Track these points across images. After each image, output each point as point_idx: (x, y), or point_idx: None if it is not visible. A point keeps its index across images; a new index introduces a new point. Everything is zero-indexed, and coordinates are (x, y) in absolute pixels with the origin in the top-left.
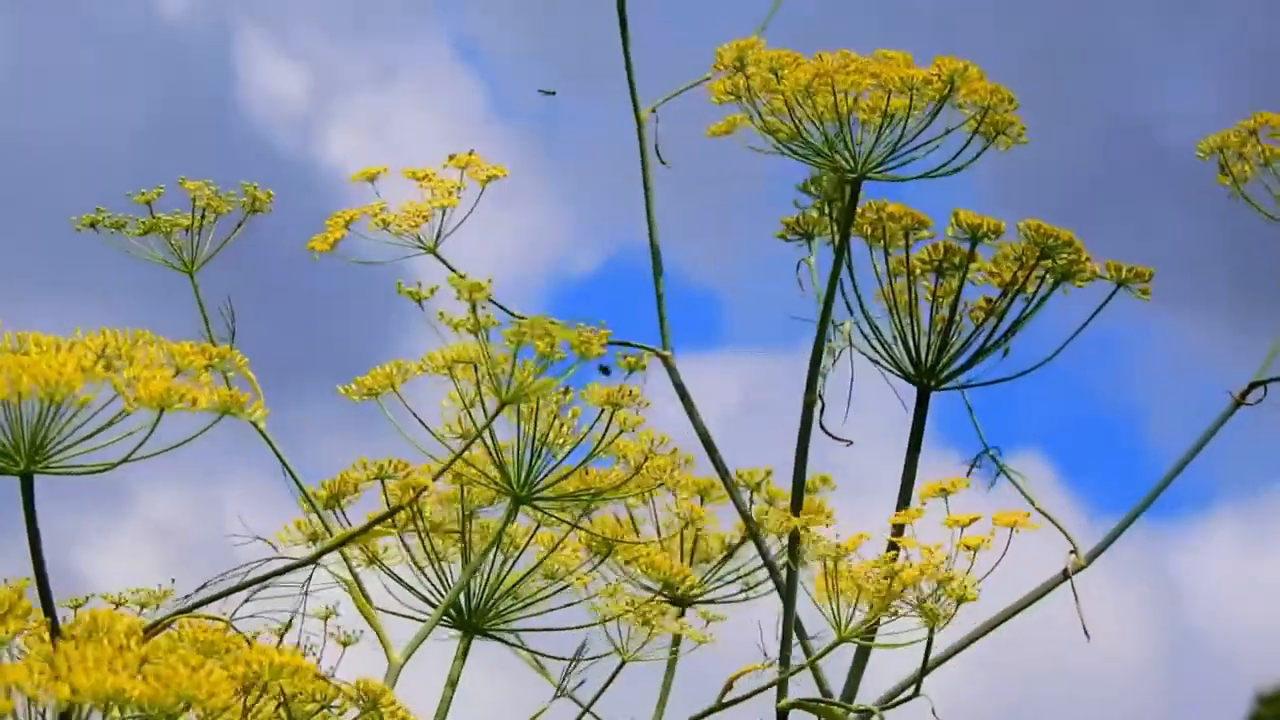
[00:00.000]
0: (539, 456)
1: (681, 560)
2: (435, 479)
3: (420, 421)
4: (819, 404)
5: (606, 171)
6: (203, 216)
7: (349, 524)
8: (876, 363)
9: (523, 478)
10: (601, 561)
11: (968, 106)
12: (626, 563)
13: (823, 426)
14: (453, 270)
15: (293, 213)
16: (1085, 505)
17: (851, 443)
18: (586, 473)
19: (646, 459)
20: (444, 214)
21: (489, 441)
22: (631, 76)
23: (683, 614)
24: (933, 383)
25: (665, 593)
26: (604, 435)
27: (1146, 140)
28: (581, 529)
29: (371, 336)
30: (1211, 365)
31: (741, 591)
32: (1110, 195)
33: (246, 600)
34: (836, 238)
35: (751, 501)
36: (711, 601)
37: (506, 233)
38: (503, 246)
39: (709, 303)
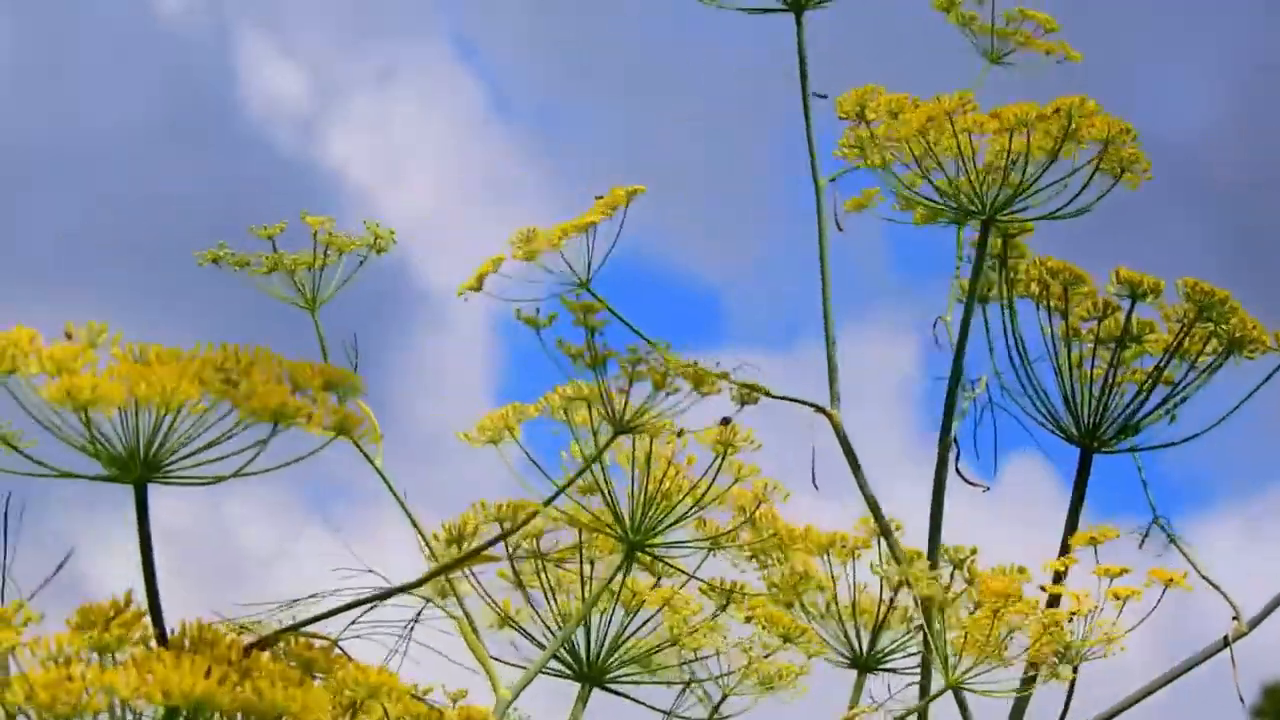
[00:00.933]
0: (653, 505)
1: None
2: (540, 508)
3: (536, 465)
4: (954, 449)
5: (605, 170)
6: (325, 254)
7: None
8: (1035, 419)
9: (637, 524)
10: (721, 612)
11: (1088, 143)
12: (746, 618)
13: (958, 470)
14: (610, 308)
15: (293, 213)
16: (1087, 508)
17: (988, 488)
18: (703, 522)
19: (759, 505)
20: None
21: (604, 486)
22: (813, 147)
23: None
24: (1096, 444)
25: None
26: (713, 481)
27: (1146, 141)
28: (699, 579)
29: (370, 338)
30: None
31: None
32: (1110, 196)
33: (353, 623)
34: (968, 290)
35: (953, 578)
36: (892, 670)
37: (506, 232)
38: (503, 246)
39: (709, 302)
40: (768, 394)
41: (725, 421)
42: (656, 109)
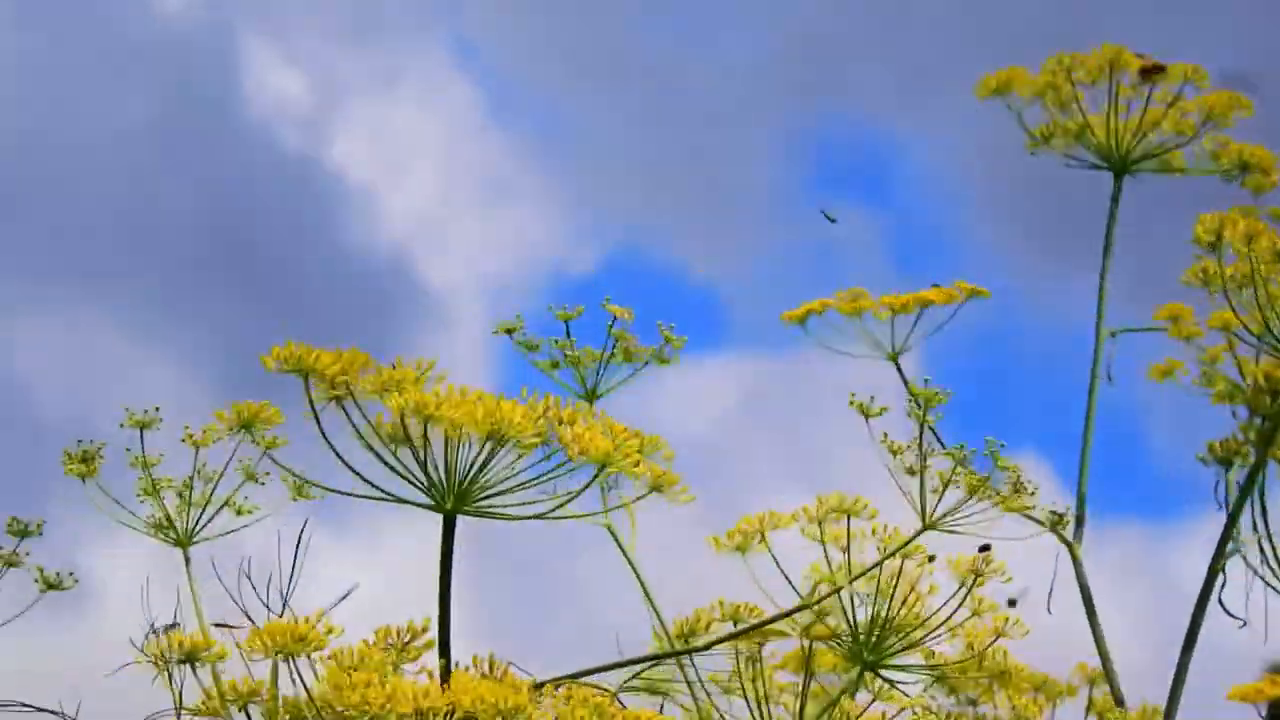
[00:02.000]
0: (890, 629)
1: None
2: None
3: (784, 575)
4: (1221, 579)
5: (605, 174)
6: (612, 353)
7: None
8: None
9: (872, 643)
10: None
11: None
12: None
13: (1220, 602)
14: (908, 385)
15: (295, 213)
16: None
17: (1246, 623)
18: (931, 652)
19: (997, 638)
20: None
21: (845, 603)
22: (1103, 295)
23: None
24: None
25: None
26: (954, 613)
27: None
28: (925, 706)
29: (370, 338)
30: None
31: None
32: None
33: (633, 677)
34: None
35: None
36: None
37: (507, 233)
38: (503, 247)
39: (711, 304)
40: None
41: (985, 549)
42: (656, 109)
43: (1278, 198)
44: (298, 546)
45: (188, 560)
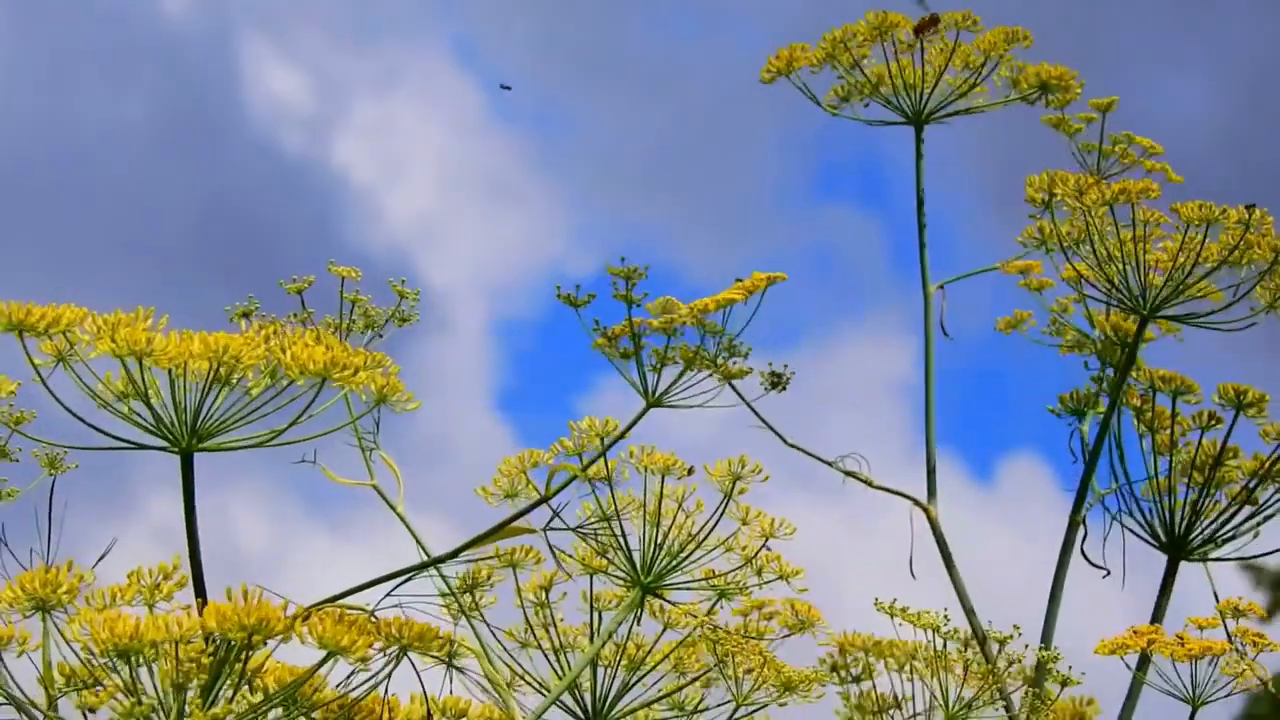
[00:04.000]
0: (662, 550)
1: None
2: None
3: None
4: (1082, 531)
5: (605, 174)
6: (351, 318)
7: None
8: (1131, 531)
9: (648, 567)
10: (722, 663)
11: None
12: (746, 671)
13: (1083, 553)
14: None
15: (295, 213)
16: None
17: (1109, 572)
18: (713, 571)
19: (766, 541)
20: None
21: (618, 533)
22: (924, 253)
23: None
24: (1181, 555)
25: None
26: (715, 522)
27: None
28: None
29: (368, 342)
30: (1207, 367)
31: None
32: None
33: (387, 595)
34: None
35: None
36: None
37: (507, 234)
38: (503, 248)
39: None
40: (869, 484)
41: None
42: (657, 110)
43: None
44: (50, 513)
45: None
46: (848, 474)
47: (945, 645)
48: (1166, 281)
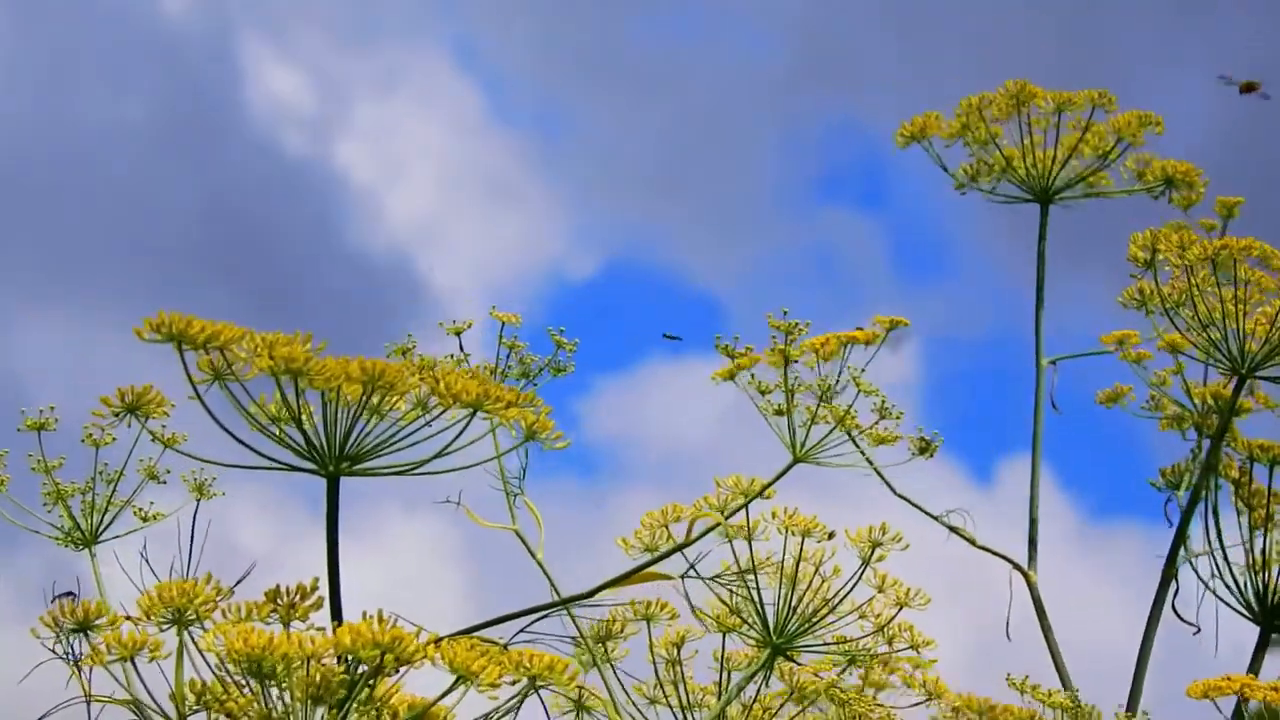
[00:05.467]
0: (796, 612)
1: None
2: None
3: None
4: (1174, 586)
5: (605, 176)
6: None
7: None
8: (1223, 600)
9: (780, 629)
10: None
11: None
12: None
13: (1174, 609)
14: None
15: (296, 214)
16: (1082, 507)
17: (1200, 629)
18: (844, 639)
19: (900, 609)
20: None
21: (754, 595)
22: (1039, 329)
23: None
24: (1273, 629)
25: None
26: (853, 587)
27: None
28: (835, 687)
29: (371, 339)
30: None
31: None
32: (1107, 200)
33: (522, 629)
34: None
35: None
36: None
37: (507, 235)
38: (503, 249)
39: (709, 304)
40: (973, 543)
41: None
42: (657, 111)
43: (1207, 212)
44: (193, 532)
45: (93, 556)
46: (952, 529)
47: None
48: (1264, 342)
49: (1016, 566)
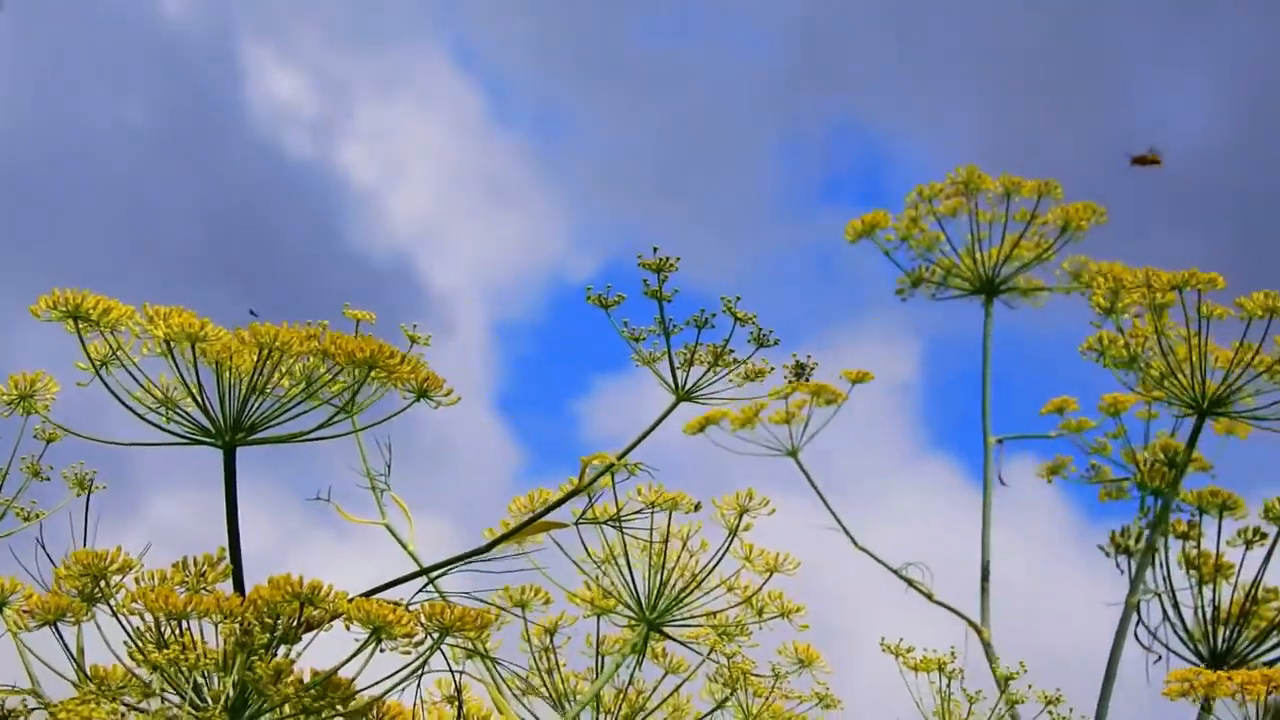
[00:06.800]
0: (668, 585)
1: None
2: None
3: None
4: (1135, 617)
5: (606, 176)
6: None
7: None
8: (1170, 646)
9: (654, 604)
10: (725, 701)
11: None
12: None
13: (1137, 637)
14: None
15: (296, 215)
16: (1082, 506)
17: (1160, 657)
18: (713, 614)
19: (771, 575)
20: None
21: (626, 574)
22: (987, 412)
23: None
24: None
25: None
26: (721, 559)
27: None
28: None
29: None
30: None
31: None
32: (1107, 201)
33: (420, 590)
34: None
35: None
36: None
37: (507, 236)
38: (504, 249)
39: (708, 304)
40: (930, 598)
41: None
42: (656, 111)
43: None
44: (85, 528)
45: None
46: (909, 583)
47: (949, 685)
48: (1223, 380)
49: (971, 624)
